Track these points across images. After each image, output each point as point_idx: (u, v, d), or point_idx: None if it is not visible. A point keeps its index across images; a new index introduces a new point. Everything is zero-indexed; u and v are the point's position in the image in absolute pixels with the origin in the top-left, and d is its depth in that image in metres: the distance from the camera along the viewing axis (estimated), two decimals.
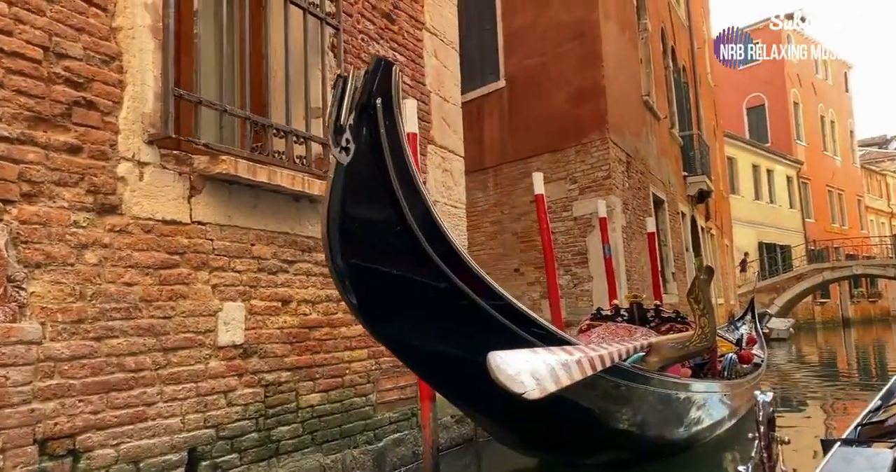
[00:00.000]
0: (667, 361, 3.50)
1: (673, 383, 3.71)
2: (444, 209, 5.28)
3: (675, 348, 3.50)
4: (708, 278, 3.54)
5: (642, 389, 3.32)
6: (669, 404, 3.73)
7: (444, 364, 2.46)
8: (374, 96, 1.91)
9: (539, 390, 1.97)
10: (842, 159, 35.43)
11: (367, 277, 2.09)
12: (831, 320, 29.81)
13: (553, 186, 10.30)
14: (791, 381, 10.86)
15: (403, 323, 2.33)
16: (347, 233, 1.99)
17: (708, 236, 17.67)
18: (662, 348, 3.50)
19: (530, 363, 2.01)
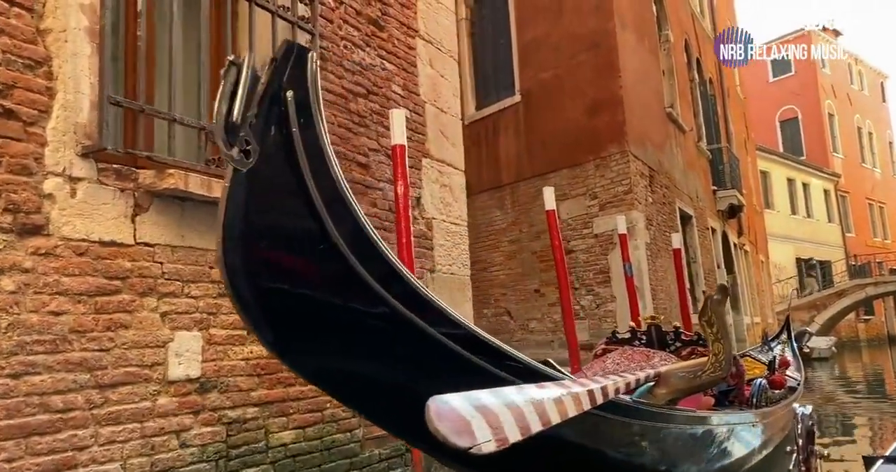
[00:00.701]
0: (677, 393, 3.09)
1: (686, 418, 3.29)
2: (442, 227, 4.95)
3: (686, 378, 3.08)
4: (721, 297, 3.13)
5: (648, 426, 2.91)
6: (682, 441, 3.30)
7: (396, 408, 2.09)
8: (285, 88, 1.58)
9: (496, 442, 1.58)
10: (881, 171, 34.29)
11: (282, 307, 1.74)
12: (876, 337, 28.59)
13: (572, 203, 9.93)
14: (835, 401, 10.55)
15: (338, 361, 1.97)
16: (254, 254, 1.64)
17: (741, 253, 17.03)
18: (671, 378, 3.09)
19: (485, 408, 1.62)
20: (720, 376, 3.06)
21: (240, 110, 1.45)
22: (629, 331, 5.51)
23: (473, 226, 11.64)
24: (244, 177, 1.53)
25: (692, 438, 3.63)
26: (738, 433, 4.47)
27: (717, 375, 3.05)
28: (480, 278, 11.24)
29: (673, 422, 3.27)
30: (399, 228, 3.84)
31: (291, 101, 1.56)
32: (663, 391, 3.11)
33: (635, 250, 9.08)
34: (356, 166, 4.11)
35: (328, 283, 1.74)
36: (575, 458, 2.82)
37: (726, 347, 3.09)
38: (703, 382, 3.06)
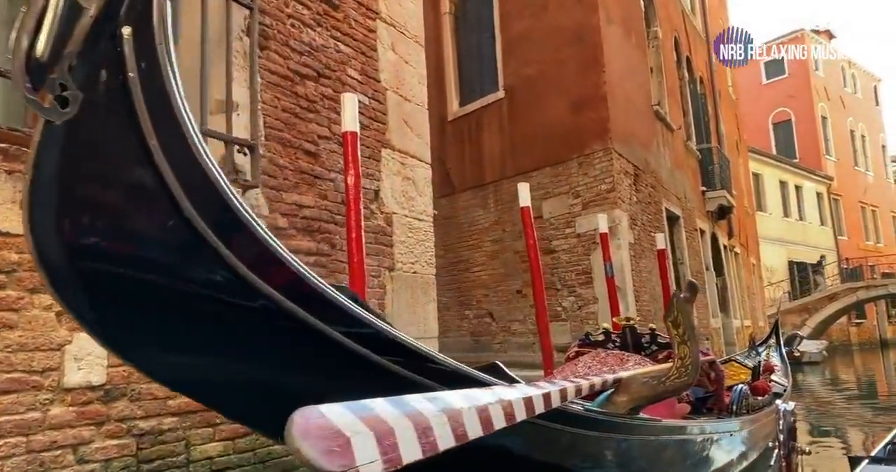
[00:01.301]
0: (640, 400, 2.80)
1: (651, 428, 3.01)
2: (404, 222, 4.65)
3: (649, 385, 2.79)
4: (690, 295, 2.85)
5: (605, 438, 2.63)
6: (648, 453, 3.02)
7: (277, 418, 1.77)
8: (122, 24, 1.23)
9: (386, 463, 1.28)
10: (874, 174, 34.13)
11: (117, 300, 1.42)
12: (868, 341, 28.39)
13: (555, 202, 9.65)
14: (825, 406, 10.47)
15: (204, 364, 1.66)
16: (74, 232, 1.31)
17: (731, 255, 16.77)
18: (633, 385, 2.80)
19: (375, 420, 1.30)
20: (686, 383, 2.77)
21: (48, 44, 1.13)
22: (603, 333, 5.23)
23: (456, 225, 11.37)
24: (60, 131, 1.20)
25: (659, 449, 3.34)
26: (715, 443, 4.18)
27: (683, 381, 2.77)
28: (462, 278, 10.95)
29: (635, 433, 2.99)
30: (349, 223, 3.54)
31: (130, 39, 1.23)
32: (624, 399, 2.82)
33: (618, 249, 8.81)
34: (303, 155, 3.81)
35: (180, 269, 1.41)
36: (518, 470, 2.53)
37: (693, 350, 2.80)
38: (668, 389, 2.78)
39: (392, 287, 4.42)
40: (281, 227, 3.56)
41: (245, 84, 3.45)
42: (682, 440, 3.48)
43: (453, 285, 11.11)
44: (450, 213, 11.23)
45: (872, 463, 2.18)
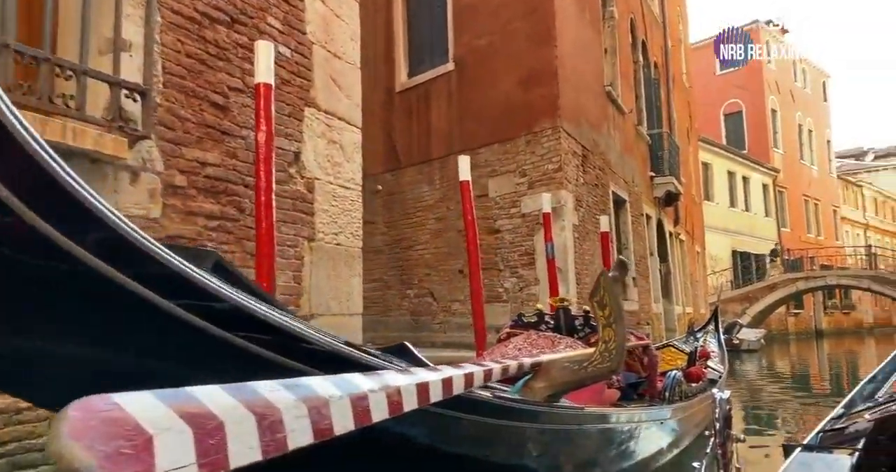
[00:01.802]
0: (559, 387, 2.56)
1: (571, 416, 2.77)
2: (328, 189, 4.31)
3: (570, 370, 2.55)
4: (618, 274, 2.62)
5: (515, 427, 2.38)
6: (564, 443, 2.79)
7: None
8: None
9: (204, 468, 0.97)
10: (819, 169, 34.95)
11: None
12: (804, 331, 29.21)
13: (501, 180, 9.41)
14: (761, 393, 10.57)
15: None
16: None
17: (676, 242, 16.87)
18: (553, 370, 2.55)
19: (197, 412, 0.99)
20: (609, 369, 2.55)
21: None
22: (536, 314, 5.01)
23: (401, 201, 11.05)
24: None
25: (582, 438, 3.12)
26: (644, 431, 3.99)
27: (606, 367, 2.54)
28: (405, 256, 10.66)
29: (554, 421, 2.75)
30: (259, 184, 3.20)
31: None
32: (542, 385, 2.58)
33: (562, 231, 8.62)
34: (210, 107, 3.44)
35: None
36: (423, 466, 2.26)
37: (619, 334, 2.57)
38: (589, 374, 2.55)
39: (311, 259, 4.09)
40: (179, 185, 3.19)
41: (140, 22, 3.05)
42: (608, 429, 3.27)
43: (396, 264, 10.81)
44: (395, 188, 10.90)
45: (805, 451, 2.21)
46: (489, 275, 9.45)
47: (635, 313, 11.82)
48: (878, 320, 34.55)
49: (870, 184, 40.69)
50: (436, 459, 2.21)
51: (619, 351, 2.51)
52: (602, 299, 2.59)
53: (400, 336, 10.95)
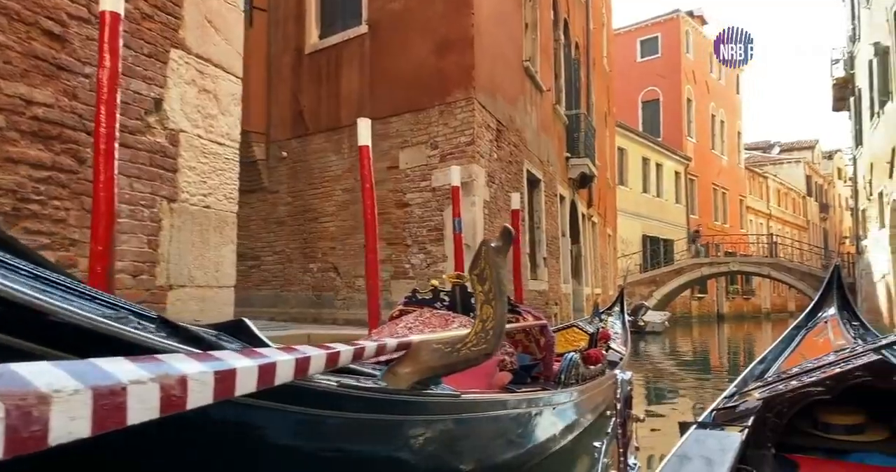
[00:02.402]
0: (427, 372, 2.21)
1: (443, 405, 2.45)
2: (197, 144, 3.81)
3: (440, 353, 2.21)
4: (502, 244, 2.29)
5: (367, 420, 2.02)
6: (437, 435, 2.47)
7: None
8: None
9: None
10: (728, 159, 36.20)
11: None
12: (707, 314, 30.37)
13: (412, 152, 9.01)
14: (663, 373, 10.82)
15: None
16: None
17: (589, 224, 16.97)
18: (421, 353, 2.21)
19: None
20: (485, 352, 2.22)
21: None
22: (431, 291, 4.69)
23: (306, 170, 10.49)
24: None
25: (458, 428, 2.80)
26: (535, 417, 3.73)
27: (482, 349, 2.22)
28: (309, 229, 10.16)
29: (419, 412, 2.42)
30: (98, 129, 2.70)
31: None
32: (408, 370, 2.23)
33: (472, 206, 8.33)
34: (42, 35, 2.88)
35: None
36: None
37: (498, 312, 2.25)
38: (462, 358, 2.22)
39: (172, 222, 3.60)
40: None
41: None
42: (491, 417, 2.97)
43: (299, 236, 10.29)
44: (301, 156, 10.34)
45: (699, 428, 2.30)
46: (397, 250, 9.10)
47: (544, 293, 11.74)
48: (774, 305, 36.40)
49: (774, 176, 42.56)
50: (268, 458, 1.83)
51: (497, 332, 2.18)
52: (482, 273, 2.25)
53: (300, 313, 10.48)
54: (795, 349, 4.05)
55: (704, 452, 1.94)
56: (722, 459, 1.87)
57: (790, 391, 2.32)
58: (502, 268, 2.31)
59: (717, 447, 2.00)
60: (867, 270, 17.18)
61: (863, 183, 17.81)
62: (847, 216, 47.35)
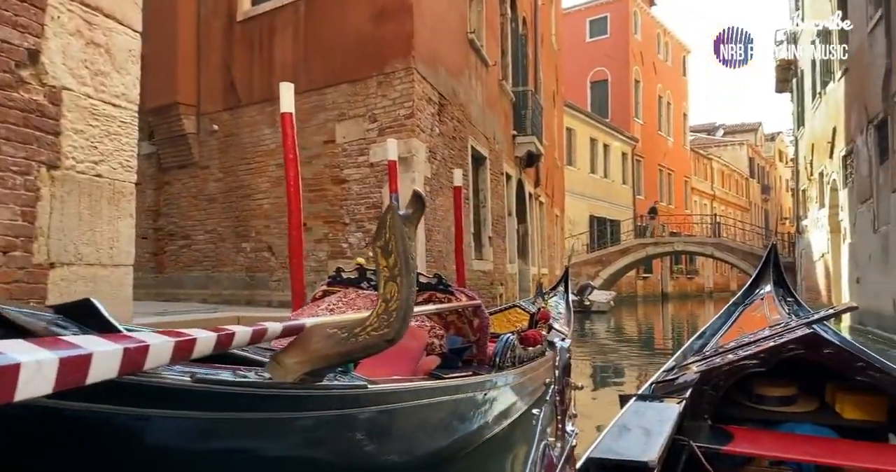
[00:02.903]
0: (320, 362, 1.89)
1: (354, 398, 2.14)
2: (85, 104, 3.35)
3: (336, 340, 1.88)
4: (412, 213, 1.97)
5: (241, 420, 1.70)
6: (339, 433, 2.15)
7: None
8: None
9: None
10: (674, 140, 36.59)
11: None
12: (652, 294, 30.79)
13: (350, 125, 8.60)
14: (608, 351, 10.92)
15: None
16: None
17: (536, 203, 16.81)
18: (312, 340, 1.87)
19: None
20: (387, 337, 1.90)
21: None
22: (357, 270, 4.36)
23: (238, 144, 9.95)
24: None
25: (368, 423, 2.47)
26: (460, 405, 3.45)
27: (384, 334, 1.89)
28: (241, 206, 9.67)
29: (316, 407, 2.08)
30: None
31: None
32: (295, 360, 1.89)
33: (412, 183, 7.98)
34: None
35: None
36: None
37: (404, 291, 1.94)
38: (360, 345, 1.89)
39: (53, 191, 3.16)
40: None
41: None
42: (409, 409, 2.67)
43: (231, 214, 9.79)
44: (233, 129, 9.81)
45: (639, 400, 2.34)
46: (334, 229, 8.71)
47: (489, 274, 11.52)
48: (717, 285, 37.20)
49: (719, 157, 43.30)
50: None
51: (401, 314, 1.86)
52: (387, 245, 1.93)
53: (233, 295, 10.00)
54: (733, 325, 4.13)
55: (643, 422, 1.98)
56: (660, 429, 1.90)
57: (726, 365, 2.36)
58: (411, 239, 1.99)
59: (655, 417, 2.04)
60: (807, 249, 17.49)
61: (804, 164, 18.08)
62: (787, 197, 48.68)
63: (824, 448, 2.11)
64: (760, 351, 2.28)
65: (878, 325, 10.56)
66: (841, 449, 2.11)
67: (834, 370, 2.26)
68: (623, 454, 1.66)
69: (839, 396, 2.41)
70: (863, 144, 11.47)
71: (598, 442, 1.75)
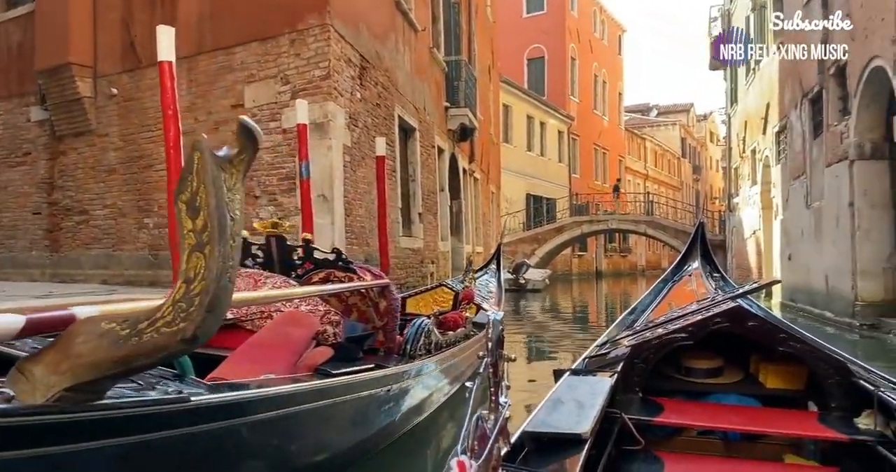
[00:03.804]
0: (89, 373, 1.26)
1: (168, 419, 1.51)
2: None
3: (110, 341, 1.25)
4: (236, 153, 1.36)
5: None
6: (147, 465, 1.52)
7: None
8: None
9: None
10: (609, 119, 36.64)
11: None
12: (587, 272, 30.90)
13: (260, 87, 7.82)
14: (543, 329, 10.87)
15: None
16: None
17: (470, 179, 16.28)
18: (78, 341, 1.24)
19: None
20: (185, 336, 1.25)
21: None
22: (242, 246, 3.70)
23: (140, 109, 8.96)
24: None
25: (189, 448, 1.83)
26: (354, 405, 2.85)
27: (179, 331, 1.22)
28: (143, 178, 8.78)
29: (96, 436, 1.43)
30: None
31: None
32: (49, 371, 1.27)
33: (328, 151, 7.29)
34: None
35: None
36: None
37: (215, 267, 1.33)
38: (146, 347, 1.24)
39: None
40: None
41: None
42: (263, 423, 2.04)
43: (132, 186, 8.88)
44: (133, 93, 8.87)
45: (573, 374, 2.37)
46: None
47: (419, 251, 10.94)
48: (649, 262, 37.70)
49: (652, 137, 43.77)
50: None
51: (205, 301, 1.25)
52: (194, 198, 1.31)
53: (136, 275, 9.10)
54: (663, 300, 4.24)
55: (576, 396, 2.01)
56: (592, 402, 1.92)
57: (656, 339, 2.40)
58: (232, 191, 1.36)
59: (588, 391, 2.07)
60: (738, 227, 17.56)
61: (736, 141, 18.10)
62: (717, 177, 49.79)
63: (748, 417, 2.19)
64: (688, 325, 2.32)
65: (810, 301, 10.49)
66: (763, 417, 2.20)
67: (757, 342, 2.31)
68: (557, 427, 1.69)
69: (762, 367, 2.47)
70: (797, 118, 11.33)
71: (533, 416, 1.78)
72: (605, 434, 1.95)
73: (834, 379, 2.17)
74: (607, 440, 1.96)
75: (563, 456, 1.59)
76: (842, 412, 2.13)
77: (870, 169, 8.42)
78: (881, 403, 1.97)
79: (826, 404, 2.20)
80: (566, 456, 1.59)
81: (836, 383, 2.17)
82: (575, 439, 1.64)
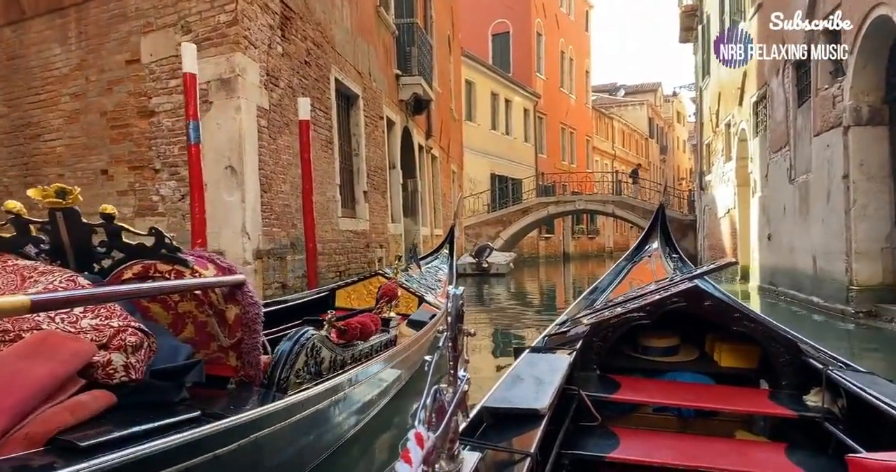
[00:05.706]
0: None
1: None
2: None
3: None
4: None
5: None
6: None
7: None
8: None
9: None
10: (576, 98, 35.57)
11: None
12: (554, 255, 29.97)
13: (158, 38, 6.50)
14: (507, 315, 10.45)
15: None
16: None
17: (428, 157, 15.06)
18: None
19: None
20: None
21: None
22: (12, 221, 2.49)
23: (25, 69, 7.53)
24: None
25: None
26: None
27: None
28: (30, 150, 7.42)
29: None
30: None
31: None
32: None
33: (236, 112, 6.02)
34: None
35: None
36: None
37: None
38: None
39: None
40: None
41: None
42: None
43: (18, 160, 7.50)
44: (18, 50, 7.46)
45: (532, 352, 2.37)
46: (143, 177, 6.65)
47: (364, 234, 9.73)
48: (617, 244, 36.89)
49: (620, 117, 42.87)
50: None
51: None
52: None
53: None
54: (623, 280, 4.27)
55: (536, 372, 2.02)
56: (551, 379, 1.94)
57: (615, 317, 2.42)
58: None
59: (547, 368, 2.08)
60: (711, 206, 16.64)
61: (709, 115, 17.13)
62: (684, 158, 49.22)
63: (702, 394, 2.20)
64: (646, 304, 2.33)
65: (794, 285, 9.55)
66: (717, 394, 2.21)
67: (713, 322, 2.31)
68: (516, 403, 1.70)
69: (717, 346, 2.49)
70: (778, 85, 10.33)
71: (492, 392, 1.80)
72: (562, 410, 1.97)
73: (785, 357, 2.18)
74: (565, 416, 1.98)
75: (521, 431, 1.57)
76: (791, 390, 2.16)
77: (867, 136, 7.43)
78: (829, 381, 1.99)
79: (777, 382, 2.21)
80: (524, 431, 1.57)
81: (786, 362, 2.18)
82: (533, 414, 1.64)
